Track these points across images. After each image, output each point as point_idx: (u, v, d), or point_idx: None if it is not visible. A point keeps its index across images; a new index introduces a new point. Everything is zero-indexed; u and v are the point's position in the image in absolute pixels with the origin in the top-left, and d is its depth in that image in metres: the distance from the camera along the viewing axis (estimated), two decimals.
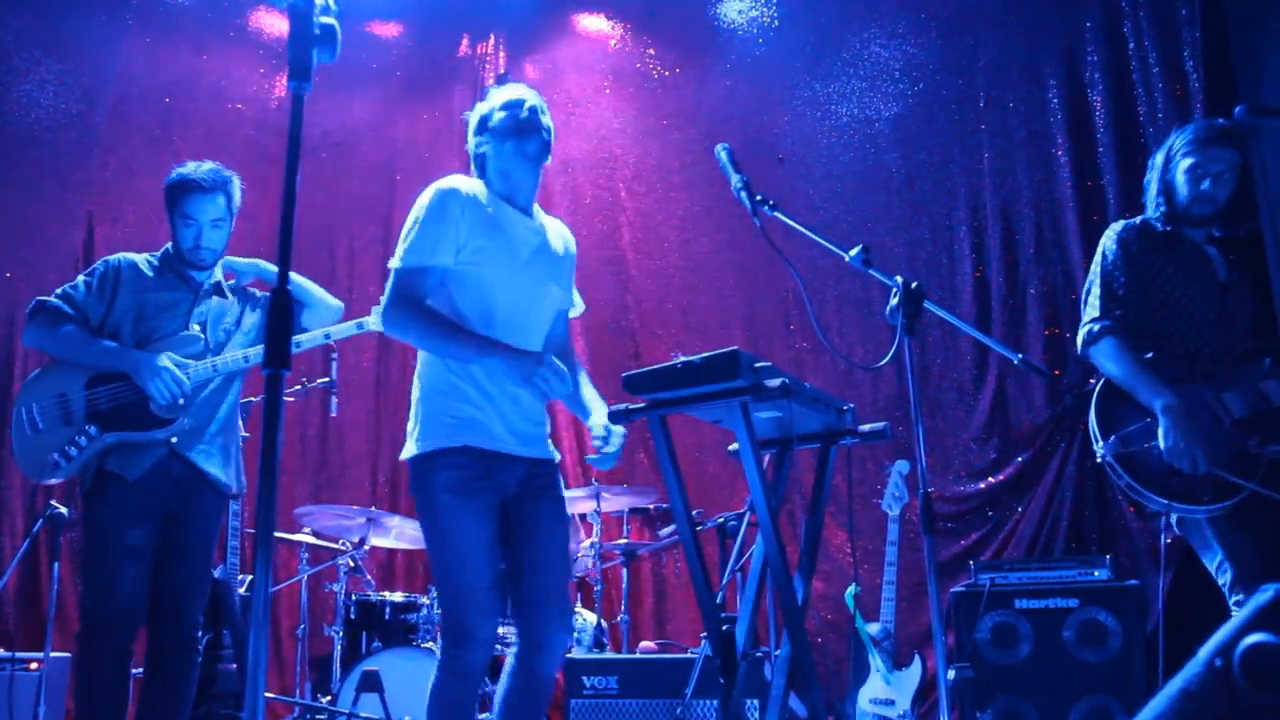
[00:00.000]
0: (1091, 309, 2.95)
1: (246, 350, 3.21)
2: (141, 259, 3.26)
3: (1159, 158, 3.00)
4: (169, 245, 3.28)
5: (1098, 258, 3.00)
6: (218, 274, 3.32)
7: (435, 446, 2.53)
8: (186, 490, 3.12)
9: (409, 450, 2.60)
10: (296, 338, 3.23)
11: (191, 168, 3.25)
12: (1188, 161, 2.91)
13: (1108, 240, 3.00)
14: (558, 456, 2.76)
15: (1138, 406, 2.79)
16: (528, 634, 2.56)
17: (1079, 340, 2.97)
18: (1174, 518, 2.84)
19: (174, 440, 3.09)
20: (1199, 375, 2.81)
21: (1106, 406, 2.86)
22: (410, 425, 2.62)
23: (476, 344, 2.48)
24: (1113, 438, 2.80)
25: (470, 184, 2.68)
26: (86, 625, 2.99)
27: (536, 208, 2.79)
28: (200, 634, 4.09)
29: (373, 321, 3.29)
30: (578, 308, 2.91)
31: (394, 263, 2.57)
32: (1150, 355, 2.83)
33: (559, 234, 2.84)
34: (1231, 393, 2.76)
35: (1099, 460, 2.86)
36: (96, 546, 3.01)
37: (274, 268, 3.34)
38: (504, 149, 2.65)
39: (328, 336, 3.35)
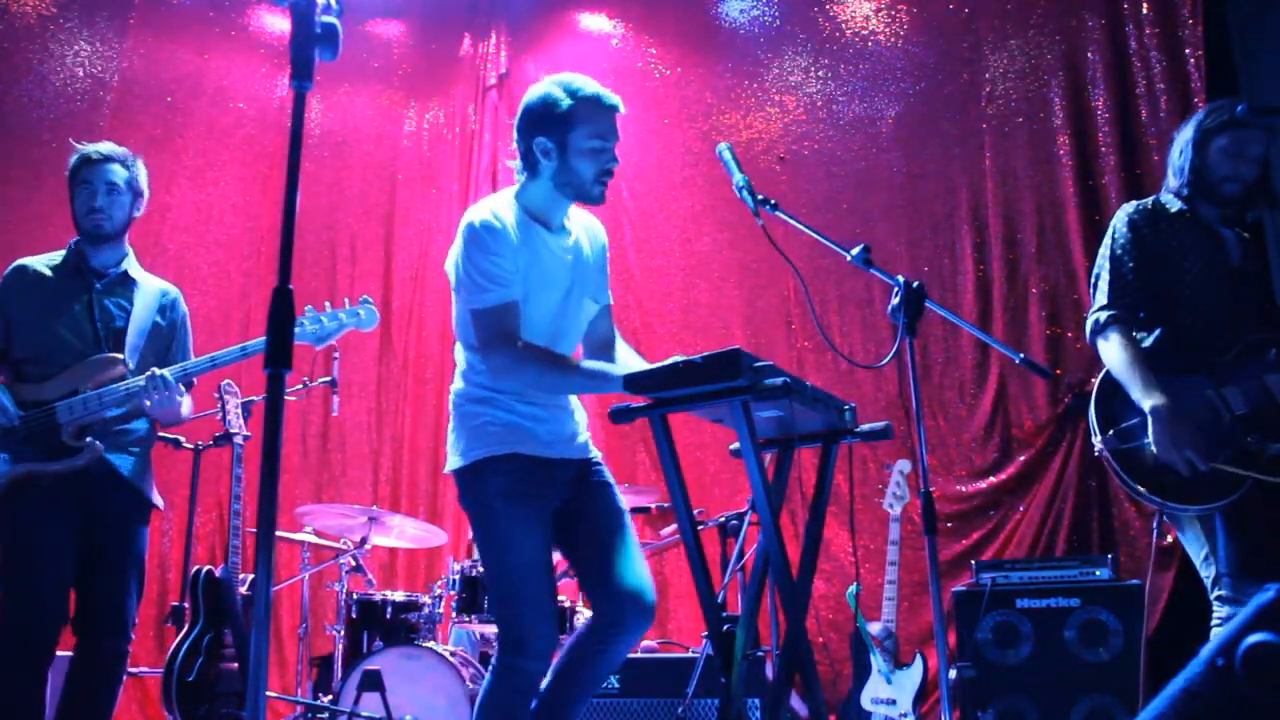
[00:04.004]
0: (1100, 295, 2.91)
1: (166, 371, 3.03)
2: (39, 262, 3.15)
3: (1188, 132, 2.95)
4: (75, 240, 3.18)
5: (1107, 239, 2.96)
6: (127, 264, 3.21)
7: (484, 455, 2.47)
8: (106, 491, 3.03)
9: (454, 462, 2.53)
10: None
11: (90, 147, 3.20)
12: (1224, 140, 2.88)
13: (1118, 221, 2.96)
14: (599, 454, 2.68)
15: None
16: (606, 614, 2.46)
17: (1087, 327, 2.94)
18: (1165, 513, 2.82)
19: (91, 439, 2.99)
20: (1202, 366, 2.77)
21: (1108, 399, 2.83)
22: (452, 438, 2.56)
23: (588, 377, 2.39)
24: (1110, 432, 2.79)
25: (501, 210, 2.48)
26: (7, 639, 2.86)
27: (567, 219, 2.63)
28: (196, 631, 4.12)
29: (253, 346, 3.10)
30: (608, 298, 2.78)
31: (475, 304, 2.43)
32: (1160, 333, 2.80)
33: (588, 238, 2.69)
34: (1233, 387, 2.72)
35: (1095, 454, 2.85)
36: (14, 550, 2.91)
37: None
38: (569, 179, 2.49)
39: (214, 362, 3.12)
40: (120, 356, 3.08)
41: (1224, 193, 2.90)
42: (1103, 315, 2.87)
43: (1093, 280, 2.99)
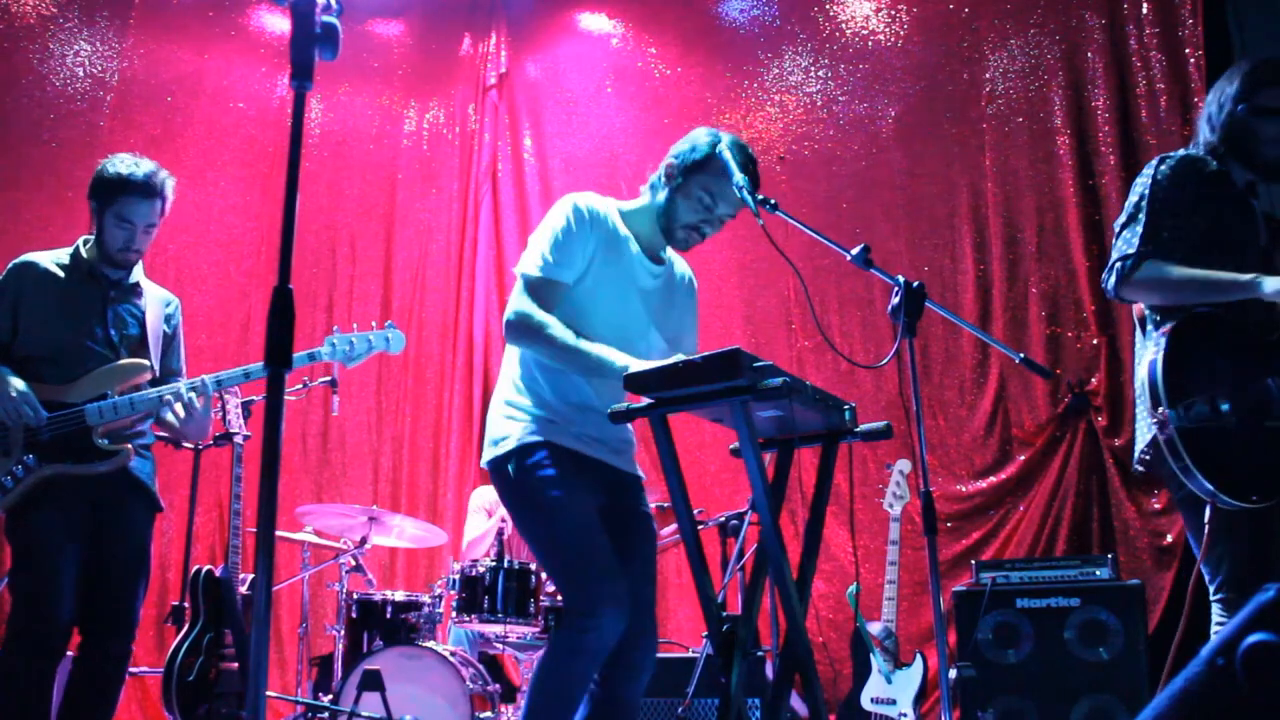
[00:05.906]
0: (1125, 245, 2.59)
1: (194, 381, 3.07)
2: (47, 259, 3.10)
3: (1231, 87, 2.67)
4: (85, 240, 3.15)
5: (1142, 188, 2.62)
6: (136, 274, 3.20)
7: (519, 444, 2.48)
8: (121, 493, 3.04)
9: (490, 453, 2.54)
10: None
11: (129, 165, 3.08)
12: (1268, 104, 2.62)
13: (1156, 172, 2.62)
14: (643, 475, 2.68)
15: (1206, 380, 2.49)
16: (613, 655, 2.39)
17: (1110, 278, 2.61)
18: (1180, 497, 2.60)
19: (108, 442, 3.00)
20: (1241, 349, 2.52)
21: (1175, 375, 2.50)
22: (490, 428, 2.58)
23: (597, 362, 2.36)
24: (1180, 408, 2.47)
25: (607, 206, 2.63)
26: (18, 640, 2.84)
27: (668, 252, 2.76)
28: (196, 631, 4.12)
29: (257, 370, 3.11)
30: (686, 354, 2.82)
31: (527, 269, 2.51)
32: (1201, 311, 2.54)
33: (681, 281, 2.81)
34: (1276, 377, 2.50)
35: (1155, 429, 2.51)
36: (30, 552, 2.90)
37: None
38: (667, 209, 2.61)
39: (220, 383, 3.15)
40: (147, 363, 3.11)
41: (1264, 156, 2.65)
42: (1130, 260, 2.56)
43: (1117, 230, 2.68)
